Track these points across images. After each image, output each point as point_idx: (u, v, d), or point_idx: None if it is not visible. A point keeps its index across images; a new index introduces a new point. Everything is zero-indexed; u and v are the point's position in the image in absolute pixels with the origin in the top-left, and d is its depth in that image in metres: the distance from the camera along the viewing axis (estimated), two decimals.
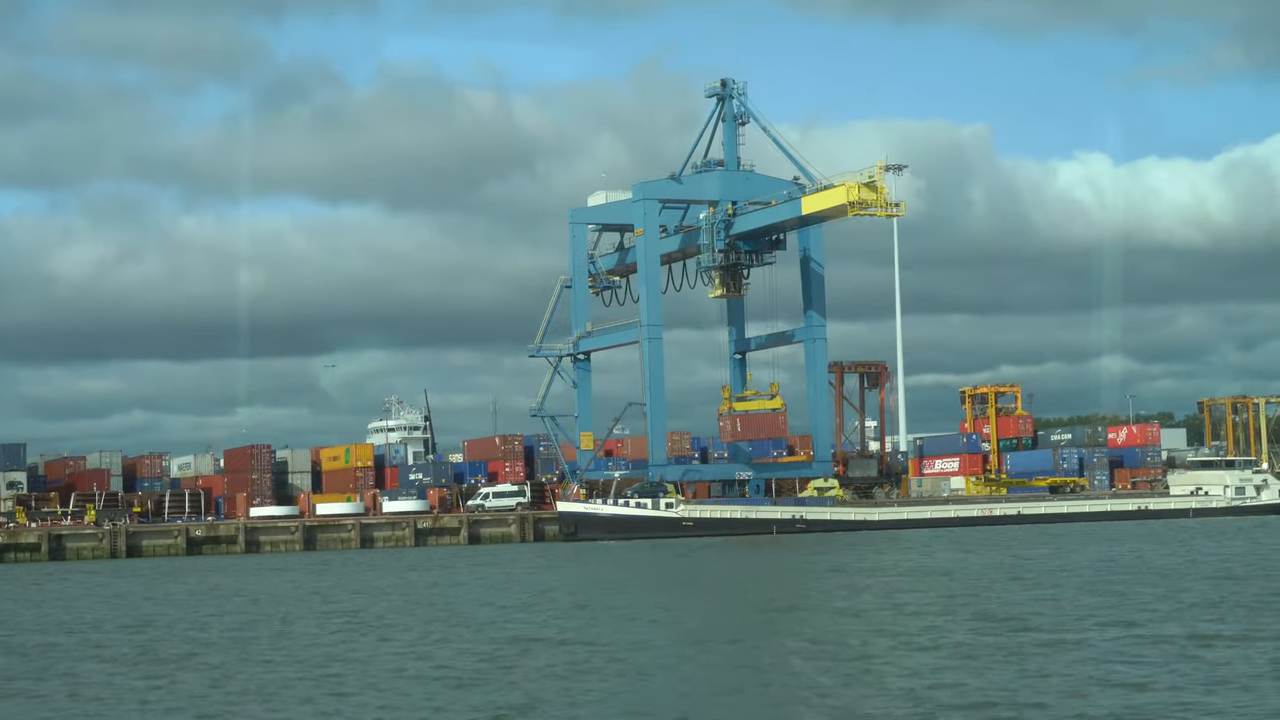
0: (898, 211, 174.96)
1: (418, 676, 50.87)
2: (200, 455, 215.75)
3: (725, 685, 47.14)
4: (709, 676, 49.09)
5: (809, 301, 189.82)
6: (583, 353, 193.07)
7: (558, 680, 48.86)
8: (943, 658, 50.78)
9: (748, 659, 52.51)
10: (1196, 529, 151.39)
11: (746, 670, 49.98)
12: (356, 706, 45.50)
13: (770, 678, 48.42)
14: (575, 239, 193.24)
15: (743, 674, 49.26)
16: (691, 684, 47.79)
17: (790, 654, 53.21)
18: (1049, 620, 61.04)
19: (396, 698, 46.75)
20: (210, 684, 51.25)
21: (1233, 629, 56.14)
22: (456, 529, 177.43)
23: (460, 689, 47.96)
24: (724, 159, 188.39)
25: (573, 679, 48.92)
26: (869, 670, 48.88)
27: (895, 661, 50.57)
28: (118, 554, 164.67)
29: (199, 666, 55.97)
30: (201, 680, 52.17)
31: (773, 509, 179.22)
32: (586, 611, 73.16)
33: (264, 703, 46.88)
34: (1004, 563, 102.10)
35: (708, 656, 53.47)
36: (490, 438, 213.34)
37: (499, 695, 46.24)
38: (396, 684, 49.43)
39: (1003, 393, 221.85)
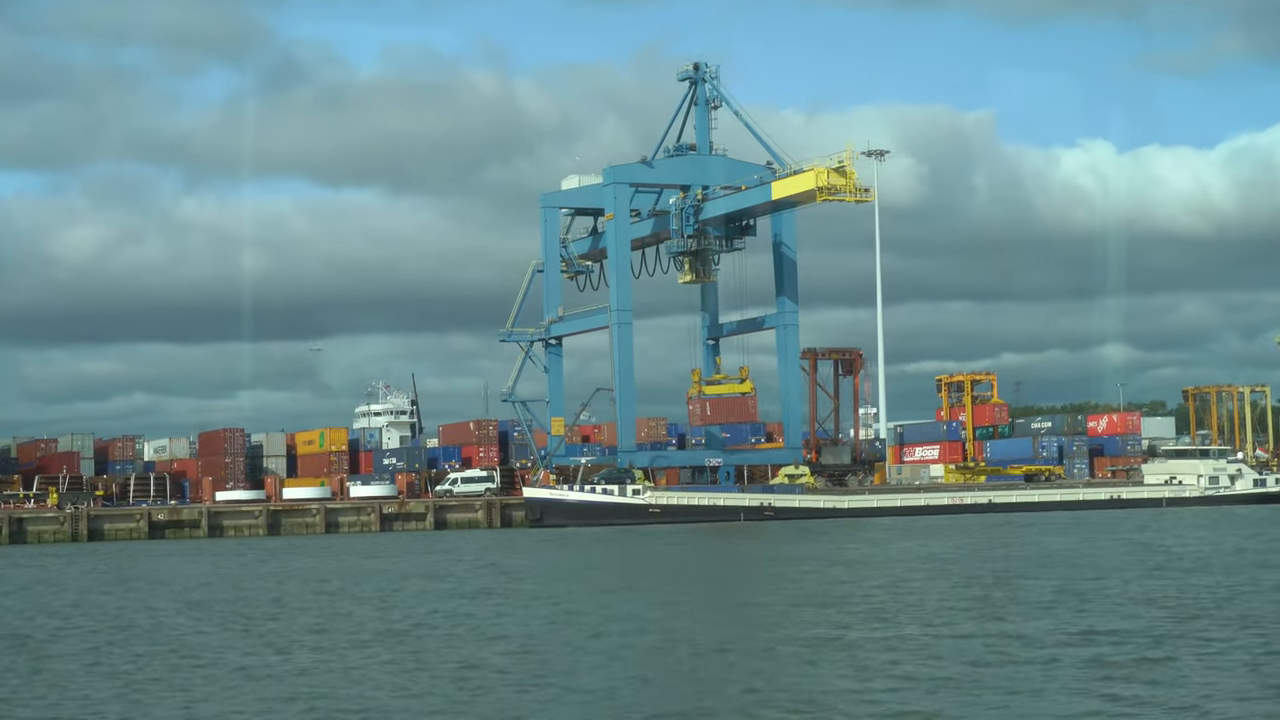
0: (867, 197, 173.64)
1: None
2: (176, 439, 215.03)
3: (518, 680, 45.97)
4: (521, 669, 47.82)
5: (781, 287, 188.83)
6: (554, 338, 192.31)
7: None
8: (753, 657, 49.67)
9: (585, 652, 51.41)
10: (1143, 520, 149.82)
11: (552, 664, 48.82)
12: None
13: (578, 670, 47.25)
14: (548, 223, 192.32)
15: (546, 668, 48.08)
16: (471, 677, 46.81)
17: (644, 648, 52.13)
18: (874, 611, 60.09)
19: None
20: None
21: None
22: (423, 514, 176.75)
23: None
24: (696, 143, 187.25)
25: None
26: (689, 664, 47.81)
27: (728, 658, 49.44)
28: (79, 537, 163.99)
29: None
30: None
31: (740, 496, 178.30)
32: (466, 600, 72.22)
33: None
34: (932, 552, 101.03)
35: (547, 649, 52.40)
36: (465, 423, 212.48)
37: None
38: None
39: (979, 380, 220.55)
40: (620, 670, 46.83)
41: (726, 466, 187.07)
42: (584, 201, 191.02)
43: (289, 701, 42.82)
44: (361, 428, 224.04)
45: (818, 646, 50.61)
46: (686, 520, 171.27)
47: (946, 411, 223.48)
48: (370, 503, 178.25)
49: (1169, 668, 44.09)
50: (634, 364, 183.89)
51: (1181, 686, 40.96)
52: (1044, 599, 63.66)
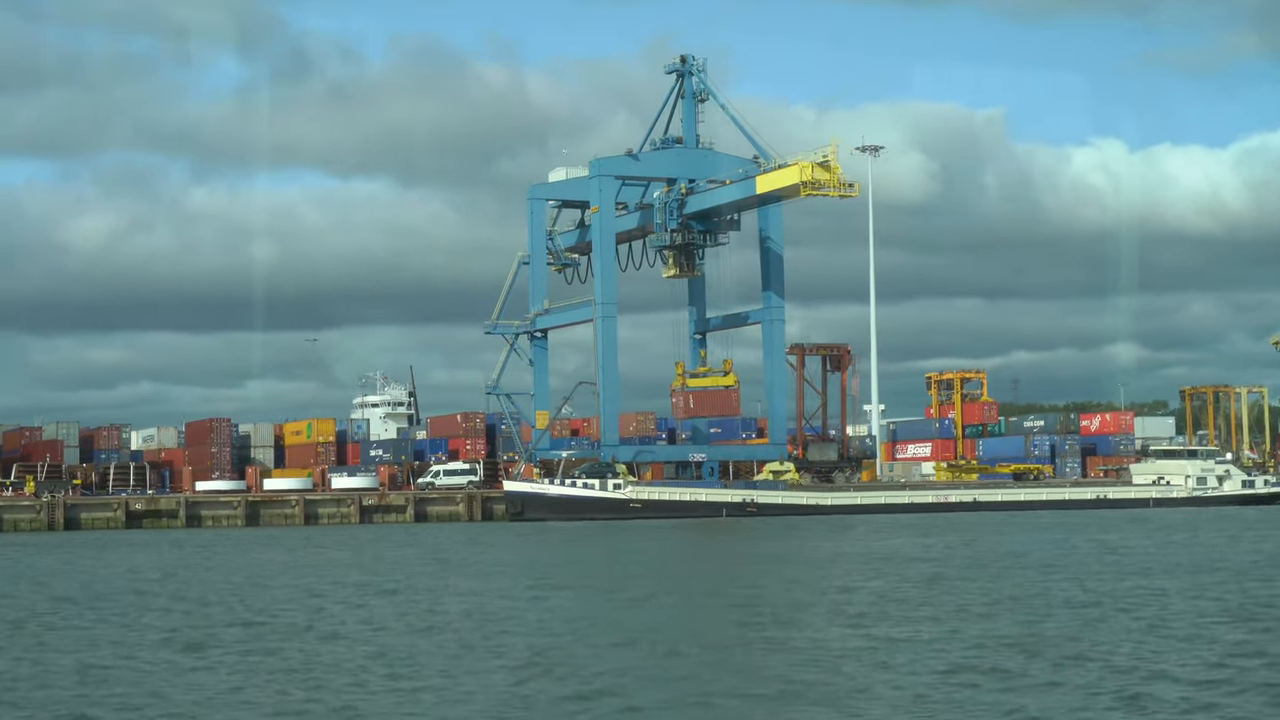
0: (851, 192, 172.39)
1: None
2: (164, 428, 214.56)
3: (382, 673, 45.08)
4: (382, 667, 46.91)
5: (768, 282, 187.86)
6: (539, 330, 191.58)
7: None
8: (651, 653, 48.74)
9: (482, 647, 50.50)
10: (1112, 522, 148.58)
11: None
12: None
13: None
14: (534, 215, 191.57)
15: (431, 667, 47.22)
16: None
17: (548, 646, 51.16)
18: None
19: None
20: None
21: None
22: (403, 506, 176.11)
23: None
24: (683, 137, 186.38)
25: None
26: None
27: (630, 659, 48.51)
28: (55, 526, 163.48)
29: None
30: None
31: (723, 492, 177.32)
32: (383, 595, 71.36)
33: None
34: (892, 550, 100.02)
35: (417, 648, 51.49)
36: (453, 415, 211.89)
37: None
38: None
39: (969, 379, 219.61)
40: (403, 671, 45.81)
41: (711, 462, 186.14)
42: (570, 194, 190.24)
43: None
44: (357, 419, 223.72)
45: (655, 645, 49.50)
46: (668, 515, 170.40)
47: (936, 409, 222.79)
48: (350, 494, 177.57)
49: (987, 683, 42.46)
50: (619, 358, 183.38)
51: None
52: (951, 602, 62.49)
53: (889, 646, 48.38)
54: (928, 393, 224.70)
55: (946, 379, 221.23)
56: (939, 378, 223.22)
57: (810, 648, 48.63)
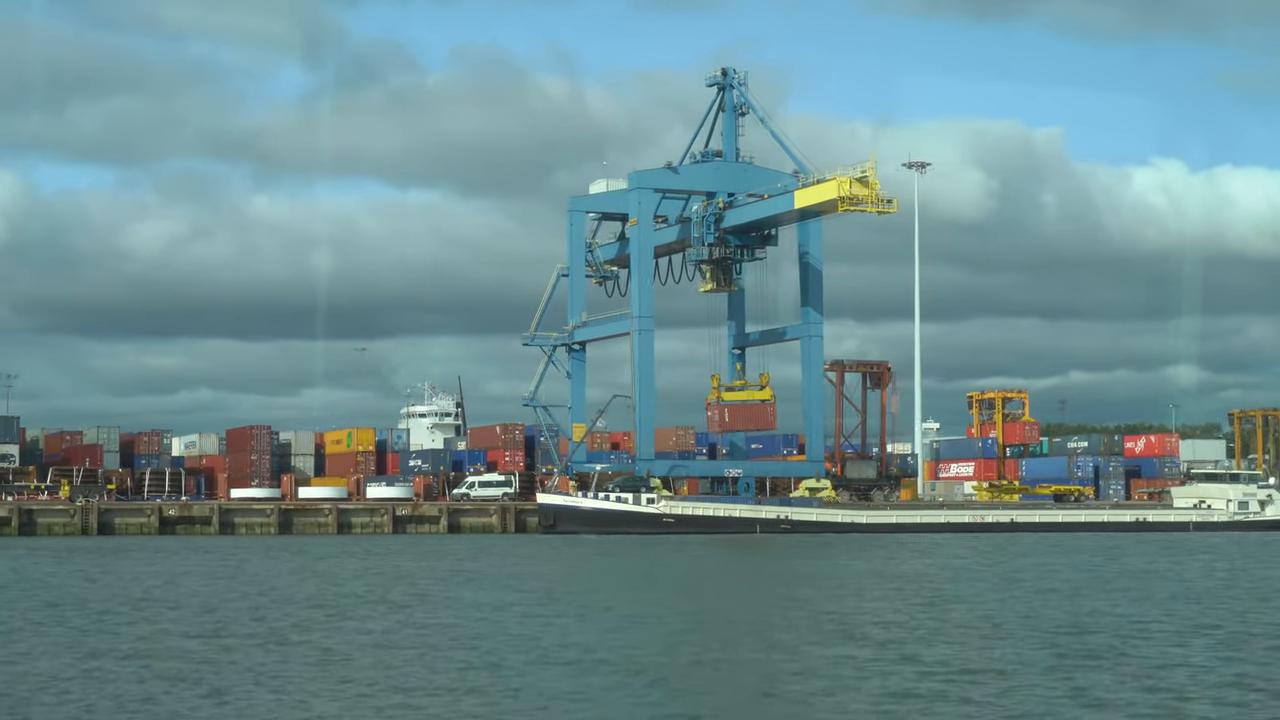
0: (889, 208, 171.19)
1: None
2: (205, 435, 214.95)
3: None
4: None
5: (806, 298, 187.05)
6: (577, 343, 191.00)
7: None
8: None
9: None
10: (1151, 546, 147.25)
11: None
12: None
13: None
14: (574, 227, 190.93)
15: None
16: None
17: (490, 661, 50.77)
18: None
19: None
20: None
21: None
22: (436, 517, 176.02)
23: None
24: (723, 150, 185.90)
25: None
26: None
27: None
28: (89, 531, 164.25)
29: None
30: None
31: (757, 508, 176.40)
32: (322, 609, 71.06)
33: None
34: (906, 571, 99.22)
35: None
36: (491, 426, 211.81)
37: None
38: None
39: (1010, 398, 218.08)
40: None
41: (747, 477, 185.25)
42: (610, 206, 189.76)
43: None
44: (400, 429, 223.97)
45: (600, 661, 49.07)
46: (701, 531, 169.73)
47: (978, 429, 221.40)
48: (383, 504, 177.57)
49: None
50: (658, 372, 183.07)
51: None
52: (932, 625, 61.74)
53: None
54: (969, 412, 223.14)
55: (988, 398, 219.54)
56: (980, 397, 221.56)
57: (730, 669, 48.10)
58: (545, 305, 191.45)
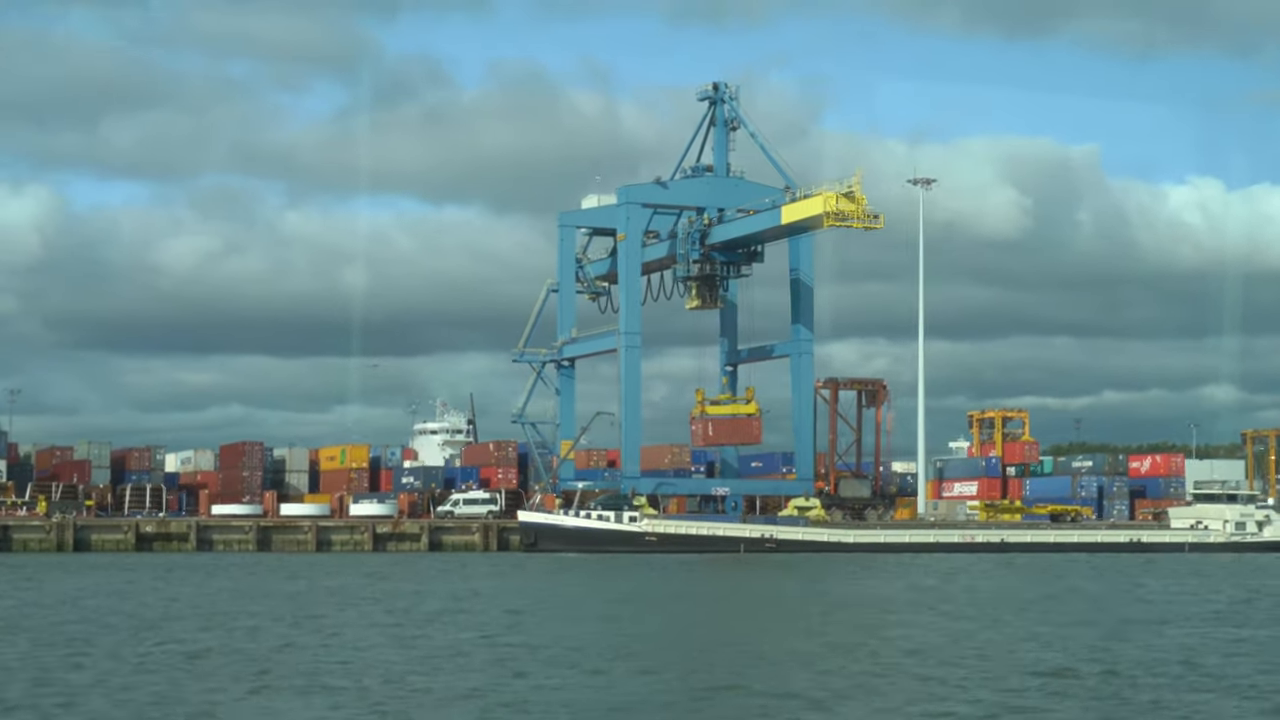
0: (876, 224, 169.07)
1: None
2: (201, 450, 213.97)
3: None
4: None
5: (796, 315, 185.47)
6: (567, 359, 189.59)
7: None
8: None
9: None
10: (1128, 565, 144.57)
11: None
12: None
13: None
14: (564, 242, 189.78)
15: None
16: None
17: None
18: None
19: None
20: None
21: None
22: (418, 535, 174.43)
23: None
24: (714, 165, 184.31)
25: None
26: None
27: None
28: (65, 547, 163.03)
29: None
30: None
31: (741, 527, 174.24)
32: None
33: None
34: (863, 594, 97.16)
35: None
36: (485, 443, 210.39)
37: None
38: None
39: (1010, 417, 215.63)
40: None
41: (734, 496, 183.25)
42: (601, 221, 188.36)
43: None
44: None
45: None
46: (684, 550, 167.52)
47: (978, 448, 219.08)
48: (364, 521, 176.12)
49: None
50: (649, 388, 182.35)
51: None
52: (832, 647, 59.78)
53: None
54: (969, 431, 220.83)
55: (988, 417, 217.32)
56: (980, 416, 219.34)
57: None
58: (534, 321, 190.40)
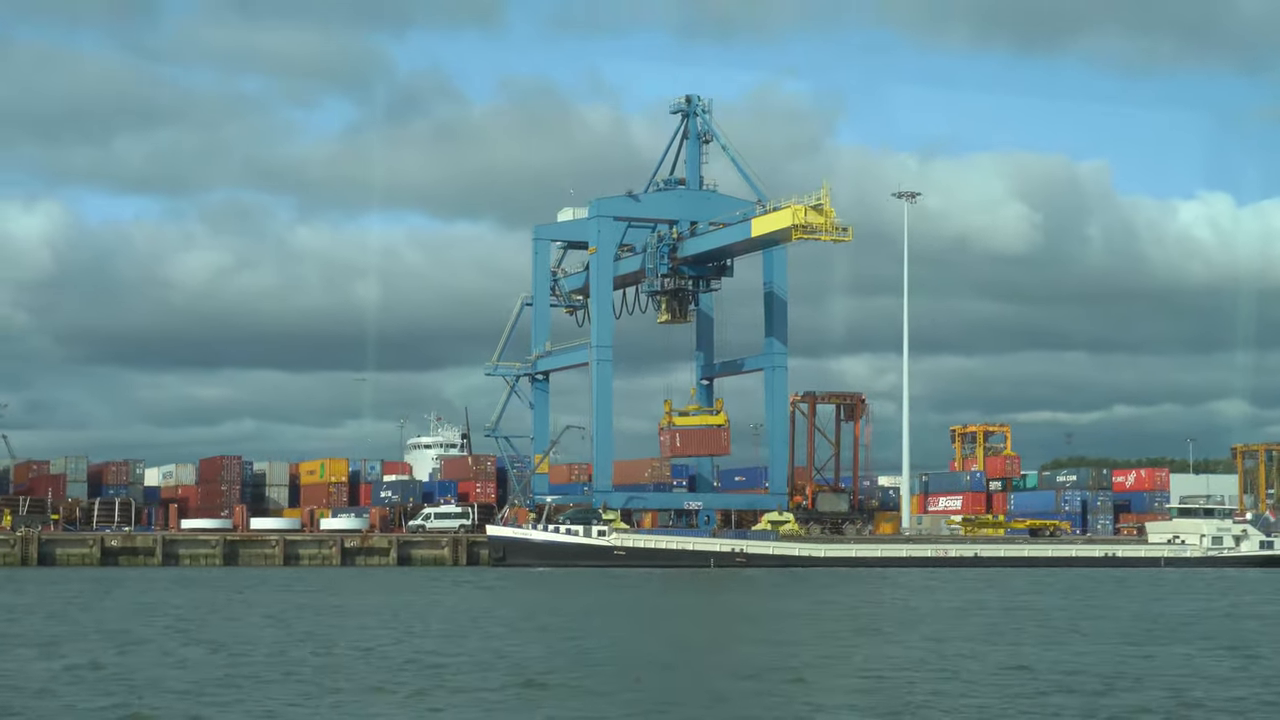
0: (844, 236, 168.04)
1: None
2: (182, 465, 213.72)
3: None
4: None
5: (770, 328, 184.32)
6: (540, 373, 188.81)
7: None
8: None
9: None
10: (1080, 580, 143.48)
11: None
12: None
13: None
14: (538, 255, 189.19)
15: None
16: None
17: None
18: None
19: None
20: None
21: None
22: (386, 550, 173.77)
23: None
24: (686, 178, 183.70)
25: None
26: None
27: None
28: (29, 561, 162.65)
29: None
30: None
31: (711, 541, 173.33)
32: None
33: None
34: (803, 609, 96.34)
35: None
36: (463, 458, 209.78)
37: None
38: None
39: (992, 432, 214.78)
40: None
41: (708, 510, 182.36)
42: (574, 235, 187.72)
43: None
44: (410, 460, 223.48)
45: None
46: (653, 564, 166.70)
47: (960, 463, 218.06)
48: (332, 536, 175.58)
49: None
50: (618, 403, 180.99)
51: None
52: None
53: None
54: (951, 445, 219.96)
55: (970, 431, 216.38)
56: (963, 430, 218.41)
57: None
58: (509, 334, 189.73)
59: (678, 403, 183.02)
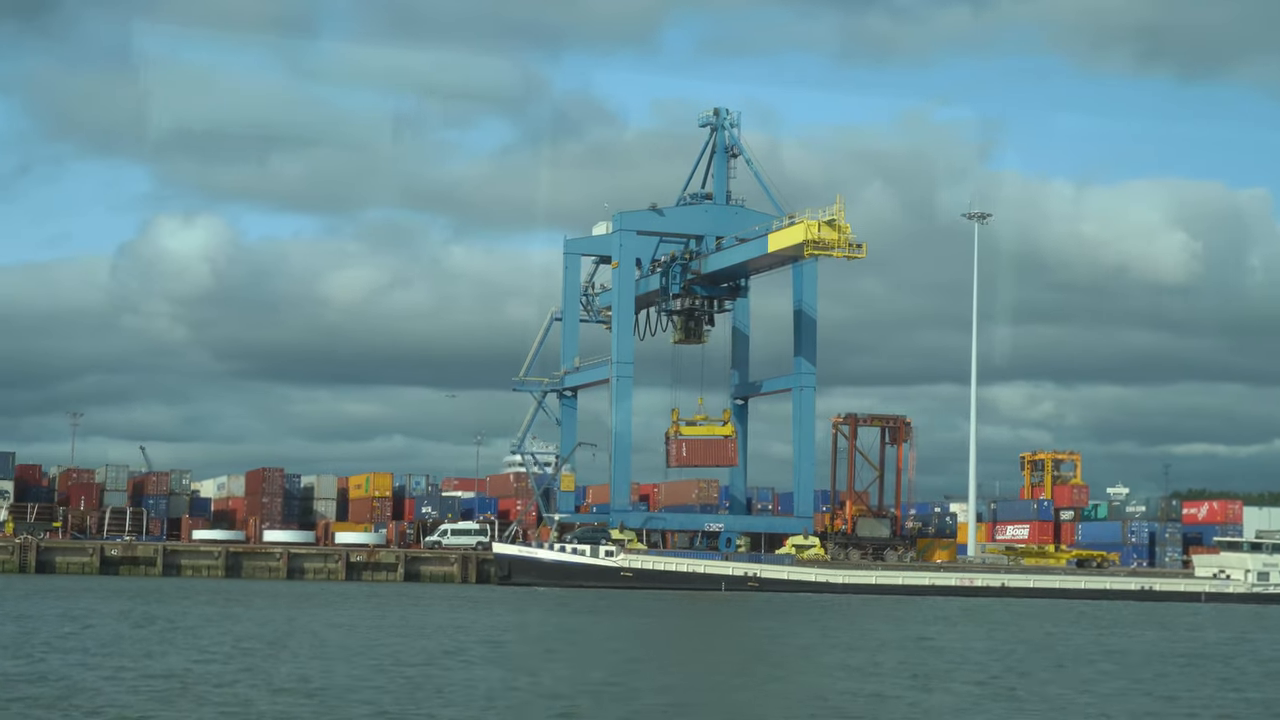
0: (859, 253, 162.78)
1: None
2: (234, 476, 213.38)
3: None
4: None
5: (799, 348, 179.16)
6: (568, 389, 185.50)
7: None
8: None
9: None
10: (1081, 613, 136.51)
11: None
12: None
13: None
14: (569, 270, 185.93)
15: None
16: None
17: None
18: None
19: None
20: None
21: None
22: (394, 565, 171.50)
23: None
24: (713, 192, 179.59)
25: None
26: None
27: None
28: (27, 568, 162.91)
29: None
30: None
31: (723, 564, 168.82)
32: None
33: None
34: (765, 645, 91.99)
35: None
36: (505, 474, 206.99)
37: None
38: None
39: (1061, 460, 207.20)
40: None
41: (729, 532, 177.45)
42: (601, 249, 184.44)
43: None
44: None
45: None
46: (662, 586, 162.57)
47: (1029, 490, 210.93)
48: (339, 550, 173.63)
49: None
50: (633, 420, 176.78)
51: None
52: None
53: None
54: (1021, 472, 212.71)
55: (1039, 459, 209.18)
56: (1032, 458, 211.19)
57: None
58: (537, 350, 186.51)
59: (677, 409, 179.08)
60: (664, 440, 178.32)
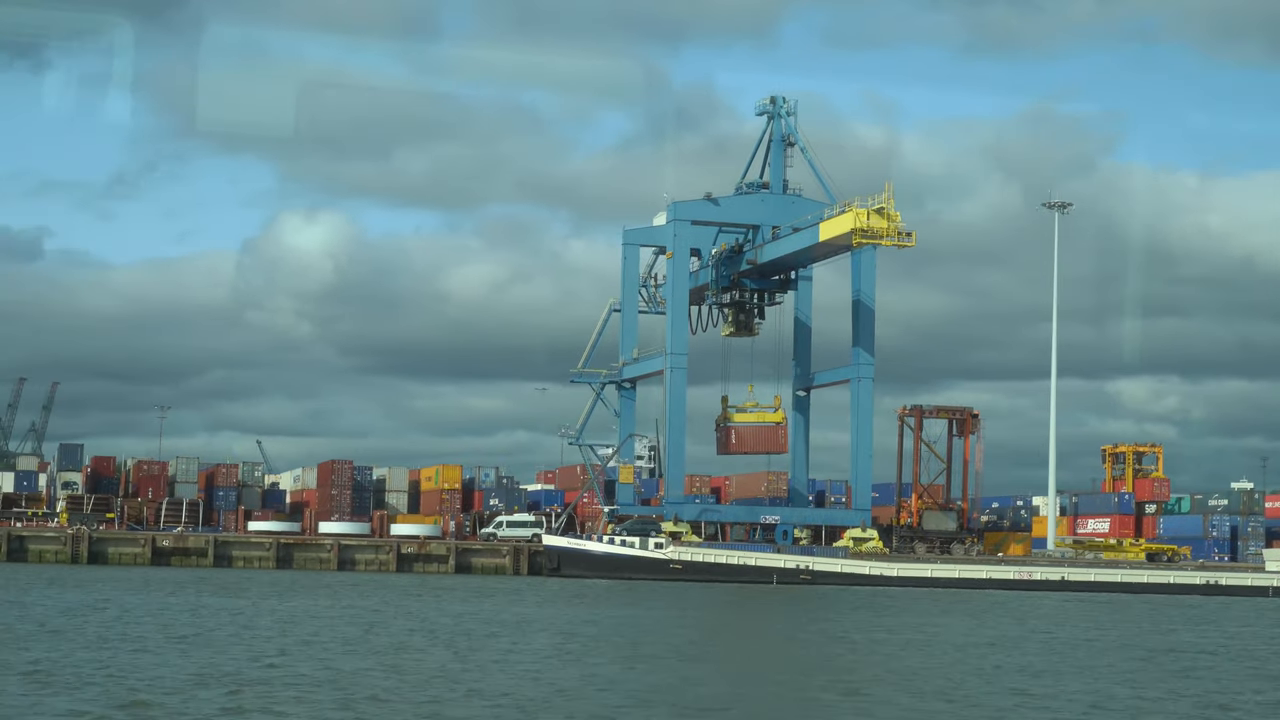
0: (908, 241, 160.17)
1: None
2: (308, 468, 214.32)
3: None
4: None
5: (857, 338, 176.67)
6: (627, 380, 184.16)
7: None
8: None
9: None
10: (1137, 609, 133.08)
11: None
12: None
13: None
14: (628, 260, 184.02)
15: None
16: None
17: None
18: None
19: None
20: None
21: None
22: (445, 556, 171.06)
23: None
24: (769, 181, 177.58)
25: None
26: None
27: None
28: (80, 559, 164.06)
29: None
30: None
31: (774, 557, 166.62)
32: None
33: None
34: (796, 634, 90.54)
35: None
36: (573, 467, 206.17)
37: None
38: None
39: (1143, 452, 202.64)
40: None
41: (785, 525, 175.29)
42: (657, 239, 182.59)
43: None
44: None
45: None
46: (712, 579, 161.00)
47: (1110, 484, 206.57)
48: (389, 541, 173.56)
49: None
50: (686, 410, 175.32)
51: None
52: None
53: None
54: (1102, 465, 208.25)
55: (1120, 451, 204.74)
56: (1113, 450, 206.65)
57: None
58: (595, 341, 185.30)
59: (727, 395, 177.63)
60: (714, 427, 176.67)
